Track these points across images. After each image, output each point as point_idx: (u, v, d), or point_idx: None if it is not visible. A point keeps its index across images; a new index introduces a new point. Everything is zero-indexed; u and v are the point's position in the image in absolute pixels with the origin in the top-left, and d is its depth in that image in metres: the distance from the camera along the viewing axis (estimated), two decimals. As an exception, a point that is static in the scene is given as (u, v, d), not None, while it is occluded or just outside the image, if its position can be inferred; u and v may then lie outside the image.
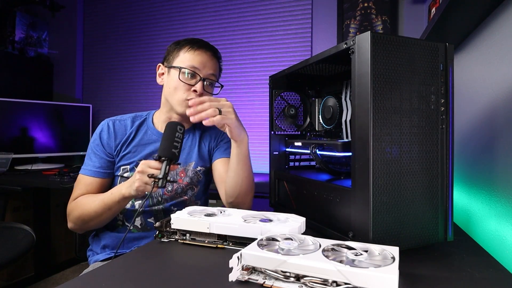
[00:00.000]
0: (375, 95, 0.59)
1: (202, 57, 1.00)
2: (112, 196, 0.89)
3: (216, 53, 1.05)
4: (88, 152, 1.02)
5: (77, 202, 0.95)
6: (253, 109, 2.34)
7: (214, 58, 1.03)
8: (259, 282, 0.49)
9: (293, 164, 1.06)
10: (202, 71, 0.99)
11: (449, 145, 0.65)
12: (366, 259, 0.48)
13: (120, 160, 1.01)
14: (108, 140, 1.01)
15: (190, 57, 0.99)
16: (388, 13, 2.02)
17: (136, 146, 1.03)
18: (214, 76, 1.03)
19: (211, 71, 1.01)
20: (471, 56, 1.04)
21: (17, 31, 2.47)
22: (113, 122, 1.04)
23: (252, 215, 0.71)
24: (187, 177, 1.05)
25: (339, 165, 0.88)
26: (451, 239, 0.66)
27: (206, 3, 2.44)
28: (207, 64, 1.00)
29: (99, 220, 0.93)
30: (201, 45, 1.01)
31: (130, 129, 1.04)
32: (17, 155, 2.13)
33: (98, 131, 1.03)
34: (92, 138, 1.03)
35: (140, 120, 1.08)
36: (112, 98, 2.71)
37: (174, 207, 1.03)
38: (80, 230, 1.00)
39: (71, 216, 0.96)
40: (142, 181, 0.80)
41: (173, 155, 0.80)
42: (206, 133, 1.13)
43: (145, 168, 0.80)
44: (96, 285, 0.51)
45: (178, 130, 0.82)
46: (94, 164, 0.99)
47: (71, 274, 2.29)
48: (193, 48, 1.00)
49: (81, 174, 1.00)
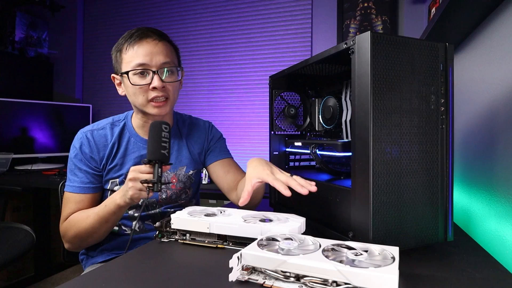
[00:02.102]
0: (375, 95, 0.59)
1: (144, 48, 0.87)
2: (107, 208, 0.83)
3: (160, 35, 0.91)
4: (71, 168, 0.94)
5: (70, 221, 0.90)
6: (253, 109, 2.33)
7: (159, 41, 0.90)
8: (259, 282, 0.49)
9: (293, 164, 1.06)
10: (151, 63, 0.87)
11: (449, 145, 0.65)
12: (366, 259, 0.48)
13: (108, 173, 0.95)
14: (91, 153, 0.93)
15: (132, 55, 0.88)
16: (388, 13, 2.02)
17: (122, 158, 0.96)
18: (169, 61, 0.90)
19: (162, 58, 0.88)
20: (471, 56, 1.04)
21: (17, 31, 2.46)
22: (91, 133, 0.95)
23: (252, 215, 0.71)
24: (180, 182, 1.02)
25: (339, 165, 0.88)
26: (451, 239, 0.66)
27: (206, 3, 2.44)
28: (153, 53, 0.88)
29: (98, 235, 0.89)
30: (139, 35, 0.88)
31: (112, 139, 0.96)
32: (17, 155, 2.13)
33: (77, 145, 0.94)
34: (72, 153, 0.95)
35: (120, 126, 0.99)
36: (112, 98, 2.70)
37: (170, 209, 1.01)
38: (79, 249, 0.96)
39: (67, 236, 0.90)
40: (136, 188, 0.76)
41: (163, 156, 0.76)
42: (194, 134, 1.07)
43: (136, 174, 0.76)
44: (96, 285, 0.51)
45: (164, 129, 0.77)
46: (81, 180, 0.93)
47: (71, 274, 2.29)
48: (131, 43, 0.88)
49: (69, 192, 0.92)
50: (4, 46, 2.39)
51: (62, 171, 1.99)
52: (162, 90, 0.89)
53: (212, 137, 1.10)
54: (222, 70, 2.38)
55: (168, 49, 0.92)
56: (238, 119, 2.37)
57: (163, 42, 0.91)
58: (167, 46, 0.92)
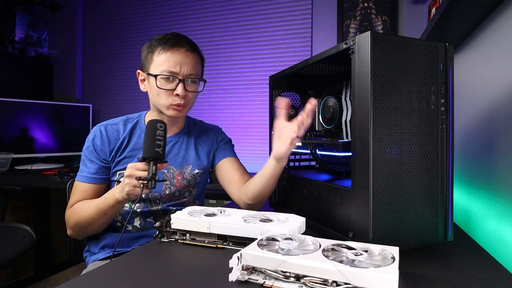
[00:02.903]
0: (375, 95, 0.59)
1: (176, 57, 0.94)
2: (106, 201, 0.87)
3: (192, 47, 0.98)
4: (83, 159, 1.00)
5: (74, 208, 0.95)
6: (253, 109, 2.33)
7: (191, 53, 0.97)
8: (259, 282, 0.49)
9: (293, 164, 1.06)
10: (180, 72, 0.94)
11: (449, 145, 0.65)
12: (366, 259, 0.48)
13: (116, 165, 1.00)
14: (102, 146, 0.99)
15: (163, 60, 0.94)
16: (388, 13, 2.02)
17: (131, 151, 1.01)
18: (194, 73, 0.98)
19: (189, 69, 0.95)
20: (471, 56, 1.04)
21: (17, 31, 2.46)
22: (105, 127, 1.02)
23: (252, 215, 0.71)
24: (184, 179, 1.05)
25: (339, 165, 0.88)
26: (451, 239, 0.66)
27: (206, 3, 2.44)
28: (183, 63, 0.94)
29: (96, 225, 0.93)
30: (173, 43, 0.94)
31: (123, 134, 1.02)
32: (17, 155, 2.13)
33: (91, 137, 1.01)
34: (85, 145, 1.01)
35: (133, 123, 1.05)
36: (112, 98, 2.70)
37: (172, 207, 1.03)
38: (79, 236, 1.00)
39: (69, 223, 0.95)
40: (131, 185, 0.79)
41: (157, 154, 0.78)
42: (203, 136, 1.13)
43: (132, 171, 0.79)
44: (96, 285, 0.51)
45: (159, 128, 0.80)
46: (89, 170, 0.98)
47: (71, 274, 2.29)
48: (164, 49, 0.94)
49: (77, 181, 0.99)
50: (4, 46, 2.39)
51: (62, 171, 1.99)
52: (183, 98, 0.96)
53: (221, 139, 1.15)
54: (222, 70, 2.38)
55: (196, 61, 0.99)
56: (238, 119, 2.37)
57: (194, 54, 0.98)
58: (196, 58, 0.99)
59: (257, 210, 0.81)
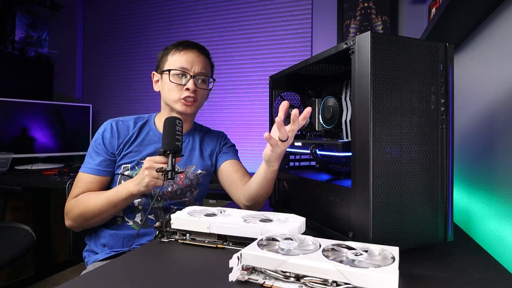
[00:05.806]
0: (375, 95, 0.59)
1: (188, 56, 1.04)
2: (119, 194, 0.91)
3: (203, 50, 1.08)
4: (89, 151, 1.03)
5: (78, 200, 0.96)
6: (253, 109, 2.33)
7: (202, 55, 1.07)
8: (259, 282, 0.49)
9: (293, 164, 1.06)
10: (191, 69, 1.03)
11: (449, 145, 0.65)
12: (366, 259, 0.48)
13: (122, 158, 1.03)
14: (111, 139, 1.03)
15: (177, 59, 1.03)
16: (388, 13, 2.02)
17: (138, 146, 1.05)
18: (205, 72, 1.06)
19: (200, 68, 1.04)
20: (471, 56, 1.04)
21: (17, 31, 2.46)
22: (116, 122, 1.07)
23: (252, 215, 0.71)
24: (187, 179, 1.07)
25: (339, 165, 0.88)
26: (451, 239, 0.66)
27: (206, 3, 2.43)
28: (195, 62, 1.04)
29: (102, 217, 0.95)
30: (186, 45, 1.05)
31: (133, 129, 1.07)
32: (17, 155, 2.13)
33: (101, 130, 1.05)
34: (94, 138, 1.05)
35: (143, 121, 1.11)
36: (112, 98, 2.70)
37: (174, 206, 1.05)
38: (79, 228, 1.01)
39: (71, 213, 0.97)
40: (152, 176, 0.84)
41: (177, 147, 0.84)
42: (207, 138, 1.16)
43: (151, 163, 0.84)
44: (96, 285, 0.51)
45: (178, 124, 0.86)
46: (95, 162, 1.01)
47: (71, 274, 2.29)
48: (178, 49, 1.04)
49: (81, 172, 1.01)
50: (4, 46, 2.39)
51: (62, 171, 1.99)
52: (193, 93, 1.03)
53: (224, 143, 1.19)
54: (222, 70, 2.38)
55: (206, 63, 1.08)
56: (238, 119, 2.37)
57: (204, 56, 1.07)
58: (206, 61, 1.09)
59: (257, 210, 0.81)
